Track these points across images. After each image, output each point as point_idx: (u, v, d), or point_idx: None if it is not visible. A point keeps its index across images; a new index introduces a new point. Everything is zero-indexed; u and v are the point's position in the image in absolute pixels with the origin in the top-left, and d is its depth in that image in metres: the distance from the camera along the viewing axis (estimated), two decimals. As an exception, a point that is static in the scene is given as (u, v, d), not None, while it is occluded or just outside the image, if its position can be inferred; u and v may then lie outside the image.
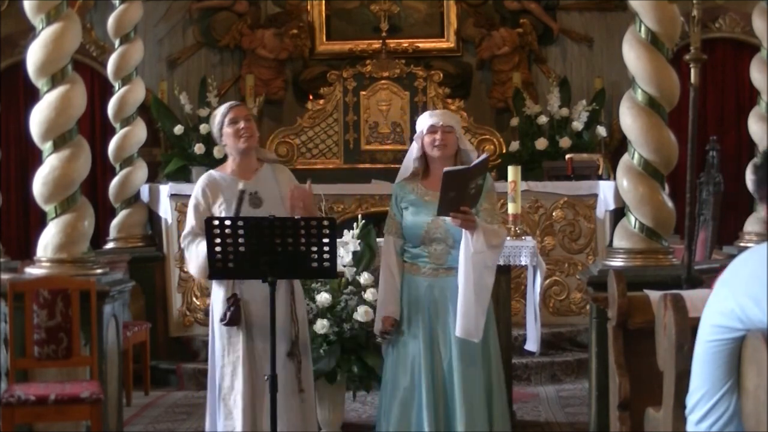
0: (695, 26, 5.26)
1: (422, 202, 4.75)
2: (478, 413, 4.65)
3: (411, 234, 4.79)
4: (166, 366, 8.22)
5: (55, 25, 5.95)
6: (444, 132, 4.74)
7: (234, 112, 4.79)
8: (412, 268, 4.81)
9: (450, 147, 4.77)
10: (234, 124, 4.76)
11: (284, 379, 4.58)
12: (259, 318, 4.68)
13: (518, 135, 9.35)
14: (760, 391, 2.39)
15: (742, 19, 9.45)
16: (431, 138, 4.75)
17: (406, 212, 4.80)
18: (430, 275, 4.76)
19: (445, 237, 4.71)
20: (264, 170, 4.86)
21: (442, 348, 4.69)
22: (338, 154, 9.39)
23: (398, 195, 4.85)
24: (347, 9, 10.00)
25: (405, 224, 4.80)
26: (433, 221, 4.70)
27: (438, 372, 4.68)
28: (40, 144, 6.02)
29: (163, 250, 8.56)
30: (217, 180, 4.80)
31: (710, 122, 9.59)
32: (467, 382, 4.65)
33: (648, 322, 3.76)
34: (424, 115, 4.89)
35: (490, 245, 4.58)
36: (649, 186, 5.67)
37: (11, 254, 7.63)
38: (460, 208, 4.51)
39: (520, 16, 9.79)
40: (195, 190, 4.83)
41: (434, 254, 4.75)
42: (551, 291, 8.53)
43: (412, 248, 4.81)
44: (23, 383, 5.55)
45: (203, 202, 4.77)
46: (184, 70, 9.95)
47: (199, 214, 4.73)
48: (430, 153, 4.78)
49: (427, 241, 4.75)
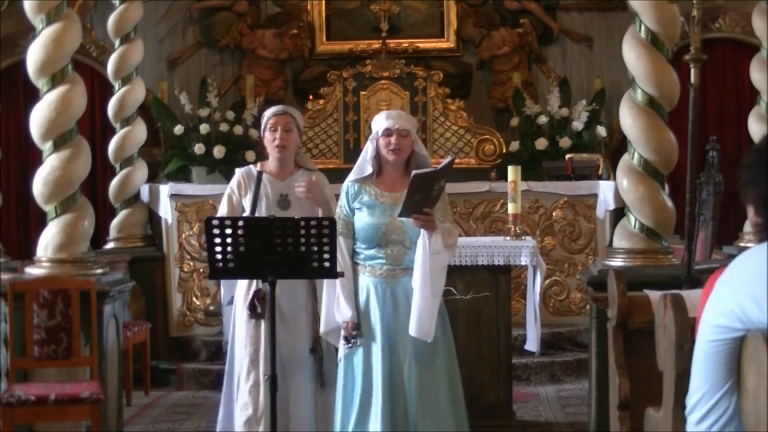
0: (695, 26, 5.26)
1: (378, 203, 4.68)
2: (442, 413, 4.61)
3: (367, 235, 4.69)
4: (166, 366, 8.22)
5: (55, 25, 5.95)
6: (399, 136, 4.68)
7: (275, 119, 5.08)
8: (366, 269, 4.71)
9: (404, 151, 4.71)
10: (272, 131, 5.06)
11: (307, 375, 4.90)
12: (281, 312, 4.83)
13: (518, 135, 9.35)
14: (760, 391, 2.39)
15: (742, 19, 9.45)
16: (386, 141, 4.69)
17: (360, 213, 4.71)
18: (387, 276, 4.68)
19: (402, 238, 4.65)
20: (299, 175, 5.08)
21: (401, 349, 4.62)
22: (338, 154, 9.40)
23: (351, 195, 4.77)
24: (347, 9, 10.00)
25: (360, 225, 4.71)
26: (390, 222, 4.63)
27: (398, 372, 4.61)
28: (40, 144, 6.02)
29: (163, 250, 8.56)
30: (252, 175, 5.07)
31: (710, 122, 9.59)
32: (427, 381, 4.60)
33: (648, 322, 3.76)
34: (380, 116, 4.81)
35: (446, 245, 4.55)
36: (649, 186, 5.67)
37: (11, 254, 7.64)
38: (423, 210, 4.48)
39: (520, 16, 9.80)
40: (231, 181, 5.15)
41: (391, 255, 4.66)
42: (551, 291, 8.54)
43: (366, 249, 4.71)
44: (23, 383, 5.55)
45: (237, 193, 5.07)
46: (184, 70, 9.95)
47: (231, 205, 5.06)
48: (385, 156, 4.72)
49: (384, 242, 4.67)
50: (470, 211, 8.65)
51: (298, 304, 4.98)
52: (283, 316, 4.88)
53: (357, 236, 4.74)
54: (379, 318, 4.66)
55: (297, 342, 4.95)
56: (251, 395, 4.89)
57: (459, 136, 9.38)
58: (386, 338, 4.64)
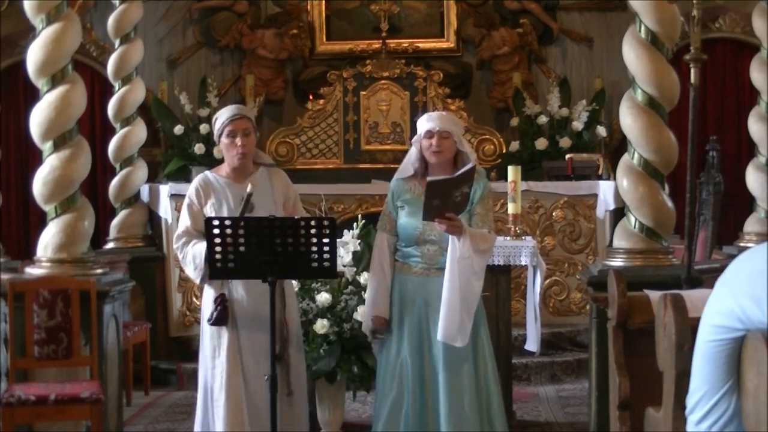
0: (695, 26, 5.25)
1: (419, 202, 4.72)
2: (466, 416, 4.63)
3: (405, 233, 4.77)
4: (166, 366, 8.22)
5: (55, 25, 5.95)
6: (441, 137, 4.72)
7: (233, 125, 4.77)
8: (404, 267, 4.79)
9: (446, 152, 4.75)
10: (231, 138, 4.78)
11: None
12: (246, 319, 4.73)
13: (518, 135, 9.35)
14: (760, 391, 2.39)
15: (742, 19, 9.45)
16: (428, 143, 4.74)
17: (402, 211, 4.79)
18: (421, 275, 4.75)
19: (439, 239, 4.69)
20: (259, 174, 4.88)
21: (432, 349, 4.66)
22: (338, 154, 9.40)
23: (395, 192, 4.84)
24: (347, 9, 10.00)
25: (400, 223, 4.78)
26: (428, 222, 4.68)
27: (426, 374, 4.66)
28: (40, 144, 6.01)
29: (163, 250, 8.56)
30: (210, 181, 4.86)
31: (710, 122, 9.59)
32: (453, 384, 4.62)
33: (648, 322, 3.76)
34: (422, 118, 4.87)
35: (477, 250, 4.57)
36: (649, 186, 5.67)
37: (11, 254, 7.63)
38: (445, 215, 4.51)
39: (520, 16, 9.79)
40: (189, 191, 4.90)
41: (427, 255, 4.73)
42: (551, 291, 8.54)
43: (404, 247, 4.79)
44: (23, 383, 5.54)
45: (196, 203, 4.84)
46: (184, 70, 9.95)
47: (192, 214, 4.81)
48: (428, 158, 4.78)
49: (421, 241, 4.74)
50: (470, 211, 8.64)
51: (266, 310, 4.52)
52: (251, 323, 4.69)
53: (398, 234, 4.79)
54: (411, 317, 4.71)
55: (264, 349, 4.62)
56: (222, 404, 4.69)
57: (459, 136, 9.37)
58: (417, 338, 4.69)
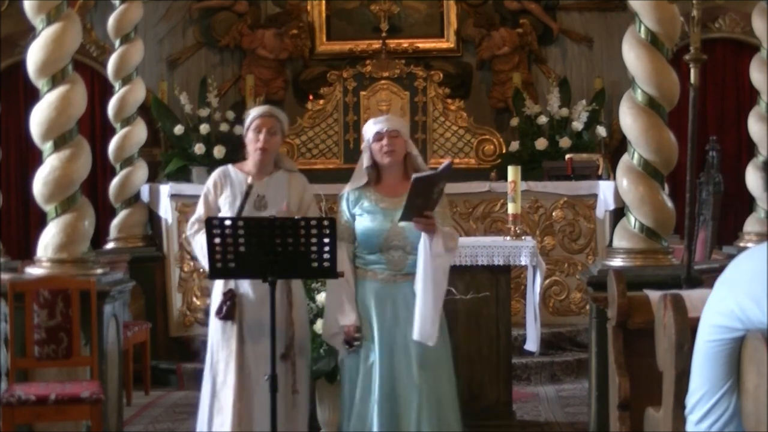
0: (695, 26, 5.26)
1: (379, 209, 4.68)
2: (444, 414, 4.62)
3: (368, 241, 4.70)
4: (166, 366, 8.22)
5: (55, 25, 5.95)
6: (390, 137, 4.68)
7: (260, 121, 4.94)
8: (367, 273, 4.71)
9: (399, 151, 4.71)
10: (256, 132, 4.93)
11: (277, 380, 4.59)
12: (252, 316, 4.79)
13: (518, 135, 9.35)
14: (760, 391, 2.39)
15: (742, 19, 9.45)
16: (378, 145, 4.70)
17: (361, 219, 4.71)
18: (387, 281, 4.69)
19: (403, 244, 4.65)
20: (278, 175, 4.98)
21: (401, 353, 4.62)
22: (338, 154, 9.40)
23: (352, 201, 4.76)
24: (347, 9, 10.00)
25: (361, 231, 4.71)
26: (392, 228, 4.63)
27: (397, 376, 4.61)
28: (40, 144, 6.02)
29: (163, 250, 8.56)
30: (229, 174, 5.01)
31: (710, 122, 9.60)
32: (431, 384, 4.61)
33: (648, 322, 3.76)
34: (368, 123, 4.82)
35: (447, 248, 4.55)
36: (649, 186, 5.67)
37: (11, 254, 7.63)
38: (423, 213, 4.49)
39: (520, 16, 9.80)
40: (208, 181, 5.06)
41: (392, 261, 4.67)
42: (551, 291, 8.54)
43: (367, 255, 4.72)
44: (23, 383, 5.54)
45: (213, 192, 4.99)
46: (184, 70, 9.95)
47: (207, 204, 4.98)
48: (380, 161, 4.72)
49: (385, 248, 4.67)
50: (470, 211, 8.65)
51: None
52: (256, 321, 4.75)
53: (358, 242, 4.74)
54: (379, 323, 4.66)
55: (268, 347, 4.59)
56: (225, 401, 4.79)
57: (459, 137, 9.38)
58: (386, 343, 4.64)
